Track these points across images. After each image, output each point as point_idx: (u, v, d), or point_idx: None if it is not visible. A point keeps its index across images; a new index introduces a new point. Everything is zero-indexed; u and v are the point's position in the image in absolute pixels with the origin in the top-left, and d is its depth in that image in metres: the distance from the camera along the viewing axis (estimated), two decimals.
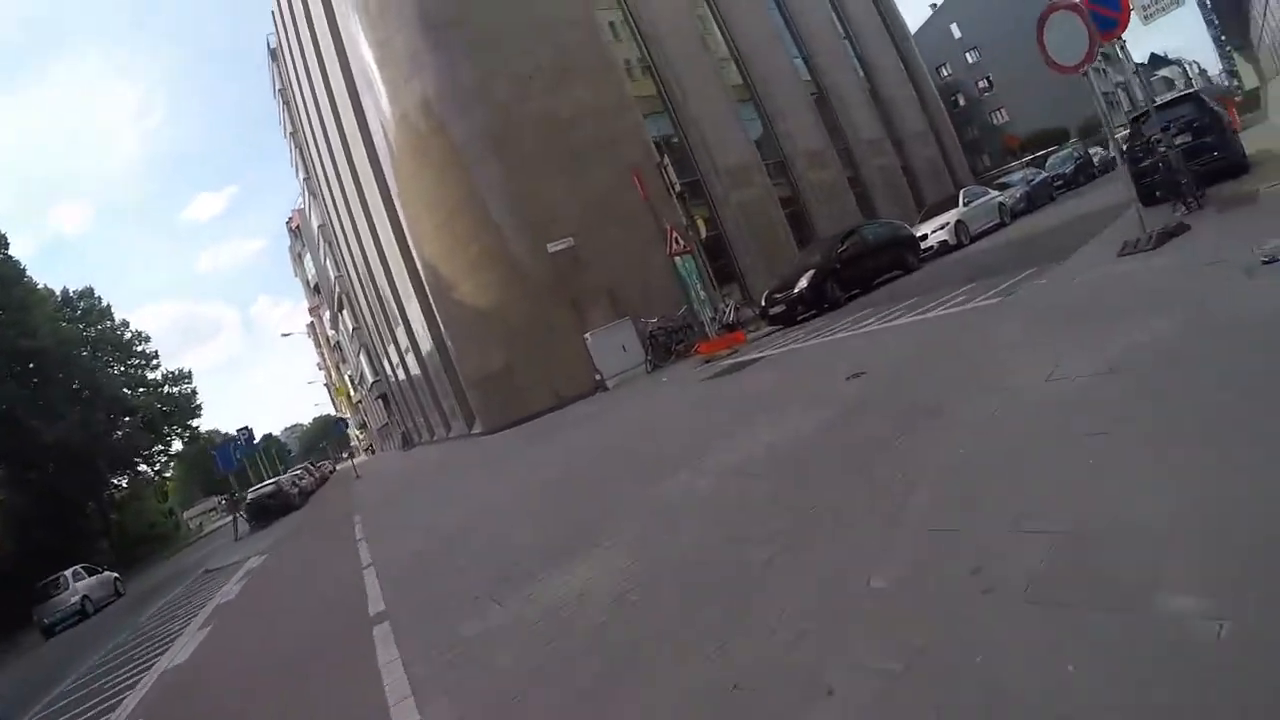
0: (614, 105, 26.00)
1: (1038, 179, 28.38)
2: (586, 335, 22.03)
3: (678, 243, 17.19)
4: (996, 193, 24.67)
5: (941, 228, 21.45)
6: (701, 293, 17.72)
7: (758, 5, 34.28)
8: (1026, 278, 9.97)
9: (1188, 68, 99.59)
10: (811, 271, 17.61)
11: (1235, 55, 40.52)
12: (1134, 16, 10.30)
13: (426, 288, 29.08)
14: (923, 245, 20.96)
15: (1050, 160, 34.95)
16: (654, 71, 28.55)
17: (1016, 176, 30.09)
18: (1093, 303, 6.77)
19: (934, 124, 42.74)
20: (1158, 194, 11.46)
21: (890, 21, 43.12)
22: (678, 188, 19.82)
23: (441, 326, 29.09)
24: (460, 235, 25.13)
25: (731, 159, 28.79)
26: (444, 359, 31.37)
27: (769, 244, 28.37)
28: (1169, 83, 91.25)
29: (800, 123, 32.68)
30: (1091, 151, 36.04)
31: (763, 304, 18.83)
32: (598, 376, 21.63)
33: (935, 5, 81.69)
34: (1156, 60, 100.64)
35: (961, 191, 23.76)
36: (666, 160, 20.44)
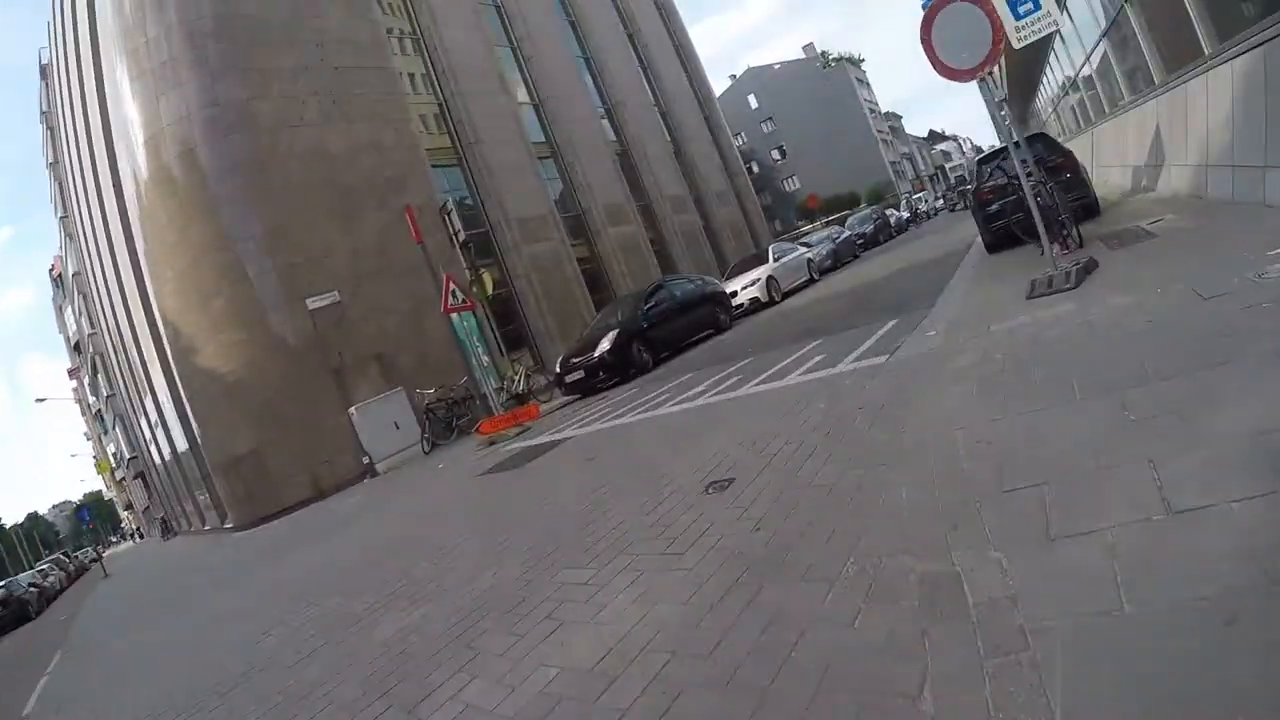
0: (397, 142, 22.79)
1: (842, 237, 28.53)
2: (351, 410, 18.40)
3: (455, 296, 14.08)
4: (804, 249, 24.05)
5: (753, 284, 20.15)
6: (485, 358, 14.55)
7: (564, 56, 32.54)
8: (890, 332, 8.05)
9: (961, 143, 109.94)
10: (614, 332, 15.15)
11: (1013, 128, 43.33)
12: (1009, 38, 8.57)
13: (167, 349, 24.20)
14: (733, 303, 19.35)
15: (850, 220, 35.66)
16: (445, 109, 25.69)
17: (821, 235, 29.84)
18: (1069, 359, 4.50)
19: (735, 185, 42.52)
20: (1017, 236, 10.27)
21: (696, 83, 42.90)
22: (462, 236, 16.80)
23: (184, 398, 24.21)
24: (204, 285, 20.67)
25: (525, 210, 26.11)
26: (189, 437, 26.36)
27: (564, 304, 25.83)
28: (947, 155, 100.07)
29: (601, 176, 30.76)
30: (888, 212, 37.70)
31: (558, 370, 16.17)
32: (366, 459, 18.00)
33: (735, 76, 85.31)
34: (935, 135, 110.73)
35: (770, 247, 22.83)
36: (450, 205, 17.39)
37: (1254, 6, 7.08)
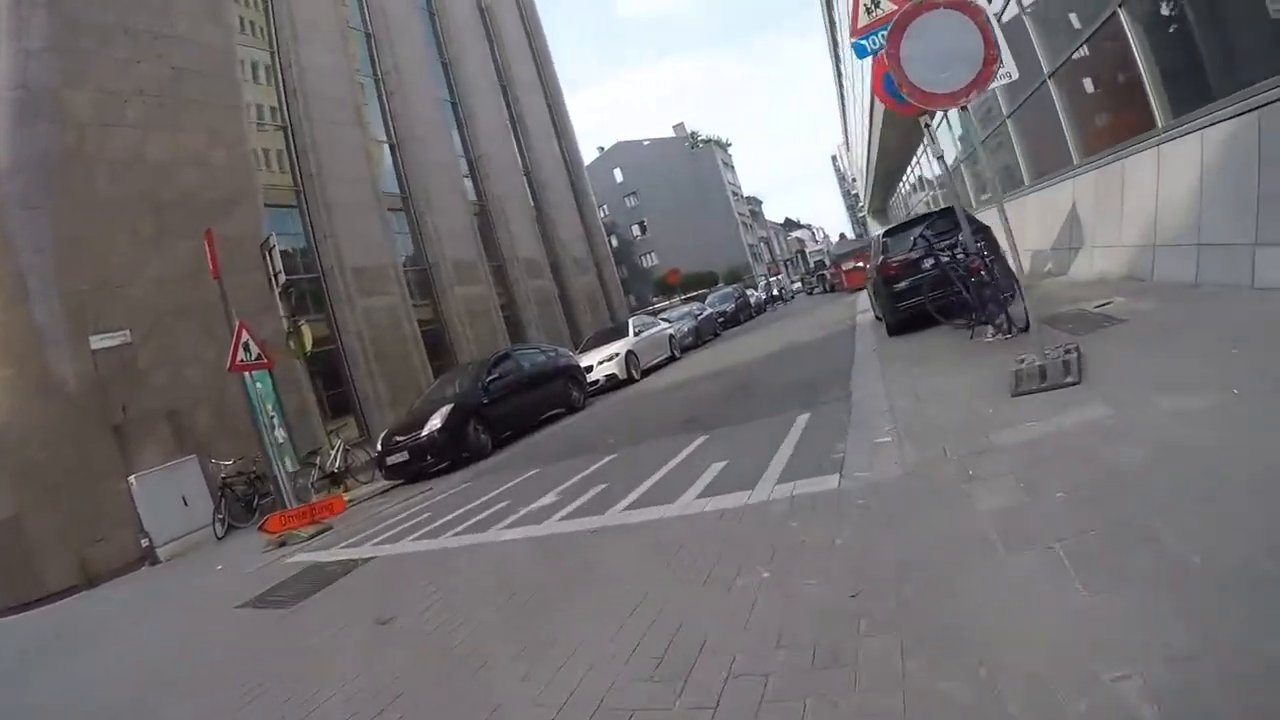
0: (228, 163, 19.82)
1: (704, 314, 28.16)
2: (131, 478, 15.40)
3: (248, 351, 11.34)
4: (666, 324, 23.08)
5: (610, 359, 18.91)
6: (279, 433, 11.72)
7: (431, 98, 30.32)
8: (809, 431, 6.56)
9: (815, 231, 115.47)
10: (448, 407, 13.27)
11: (869, 218, 45.59)
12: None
13: None
14: (587, 379, 18.01)
15: (711, 298, 35.60)
16: (290, 135, 23.14)
17: (681, 311, 29.16)
18: (1198, 506, 2.75)
19: (596, 255, 41.18)
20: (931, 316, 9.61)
21: (565, 145, 41.75)
22: (283, 279, 14.47)
23: None
24: None
25: (365, 259, 23.54)
26: None
27: (399, 368, 23.21)
28: (801, 241, 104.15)
29: (453, 228, 28.47)
30: (748, 292, 38.54)
31: (380, 449, 14.01)
32: (145, 541, 14.95)
33: (603, 148, 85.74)
34: (790, 223, 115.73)
35: (631, 320, 21.75)
36: (273, 240, 15.05)
37: (1225, 75, 6.30)
